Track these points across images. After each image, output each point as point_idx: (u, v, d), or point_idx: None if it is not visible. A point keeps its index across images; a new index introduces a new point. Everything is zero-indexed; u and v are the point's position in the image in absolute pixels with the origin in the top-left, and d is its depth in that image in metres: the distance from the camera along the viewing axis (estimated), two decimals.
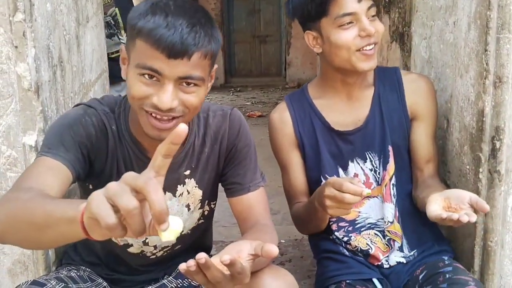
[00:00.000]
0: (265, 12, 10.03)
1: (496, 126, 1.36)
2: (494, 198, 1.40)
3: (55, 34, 1.42)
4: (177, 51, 1.00)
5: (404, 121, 1.49)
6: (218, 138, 1.27)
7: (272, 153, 1.58)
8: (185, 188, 1.27)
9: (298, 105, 1.53)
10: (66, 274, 1.25)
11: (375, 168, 1.48)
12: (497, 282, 1.47)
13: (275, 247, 0.92)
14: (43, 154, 1.08)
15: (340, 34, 1.35)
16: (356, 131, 1.48)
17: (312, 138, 1.50)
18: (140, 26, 1.02)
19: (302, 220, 1.52)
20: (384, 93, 1.49)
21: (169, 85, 1.03)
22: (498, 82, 1.35)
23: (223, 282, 0.92)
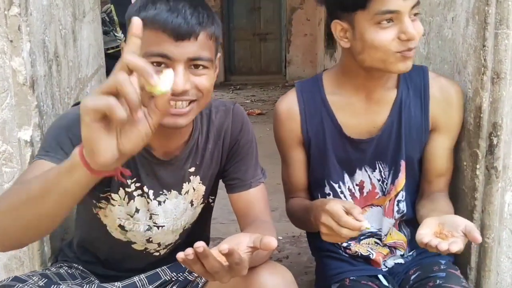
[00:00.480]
0: (265, 9, 10.02)
1: (493, 122, 1.35)
2: (491, 195, 1.39)
3: (50, 28, 1.41)
4: (184, 32, 1.01)
5: (422, 132, 1.38)
6: (221, 134, 1.27)
7: (272, 151, 1.57)
8: (191, 186, 1.26)
9: (309, 97, 1.40)
10: (54, 271, 1.24)
11: (383, 178, 1.40)
12: (493, 278, 1.47)
13: (274, 240, 0.92)
14: (40, 158, 1.06)
15: (378, 34, 1.19)
16: (370, 140, 1.37)
17: (320, 139, 1.39)
18: (142, 17, 1.01)
19: (296, 219, 1.47)
20: (407, 98, 1.36)
21: (180, 68, 1.03)
22: (496, 78, 1.34)
23: (221, 272, 0.91)
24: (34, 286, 1.09)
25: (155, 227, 1.25)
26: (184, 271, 1.29)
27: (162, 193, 1.23)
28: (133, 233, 1.25)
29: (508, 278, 1.49)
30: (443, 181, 1.42)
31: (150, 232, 1.25)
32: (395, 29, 1.19)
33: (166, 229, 1.27)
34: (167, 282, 1.28)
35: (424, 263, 1.41)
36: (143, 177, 1.20)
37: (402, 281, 1.42)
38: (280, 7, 9.95)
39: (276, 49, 10.19)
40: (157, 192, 1.22)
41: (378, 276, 1.42)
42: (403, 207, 1.41)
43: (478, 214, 1.42)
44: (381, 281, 1.40)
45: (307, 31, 9.52)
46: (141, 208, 1.22)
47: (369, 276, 1.41)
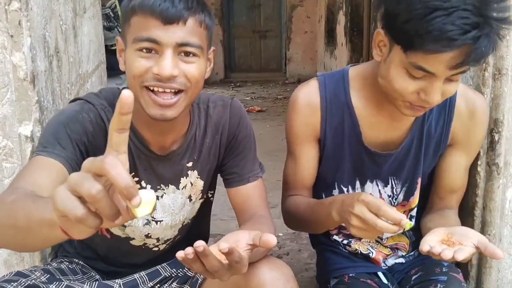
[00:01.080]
0: (266, 7, 10.01)
1: (495, 118, 1.35)
2: (493, 191, 1.39)
3: (51, 23, 1.40)
4: (171, 16, 1.01)
5: (440, 148, 1.31)
6: (219, 129, 1.27)
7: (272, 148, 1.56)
8: (188, 180, 1.26)
9: (332, 95, 1.30)
10: (55, 266, 1.24)
11: (394, 195, 1.35)
12: (494, 275, 1.47)
13: (273, 237, 0.91)
14: (38, 154, 1.05)
15: (402, 78, 1.08)
16: (387, 156, 1.30)
17: (337, 141, 1.31)
18: (132, 5, 1.04)
19: (299, 218, 1.36)
20: (430, 115, 1.28)
21: (168, 52, 1.02)
22: (497, 74, 1.34)
23: (220, 271, 0.91)
24: (37, 281, 1.09)
25: (153, 221, 1.25)
26: (184, 267, 1.29)
27: (160, 188, 1.23)
28: (132, 229, 1.25)
29: (509, 274, 1.49)
30: (455, 198, 1.36)
31: (148, 226, 1.25)
32: (422, 84, 1.07)
33: (165, 224, 1.27)
34: (167, 278, 1.28)
35: (426, 263, 1.38)
36: (141, 171, 1.19)
37: (402, 280, 1.41)
38: (280, 5, 9.94)
39: (276, 47, 10.19)
40: (155, 186, 1.22)
41: (378, 274, 1.40)
42: (413, 222, 1.38)
43: (479, 211, 1.43)
44: (380, 279, 1.39)
45: (307, 28, 9.51)
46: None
47: (368, 274, 1.40)
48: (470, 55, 0.99)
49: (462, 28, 0.97)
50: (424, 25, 0.98)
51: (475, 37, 0.97)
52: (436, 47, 0.99)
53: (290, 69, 9.68)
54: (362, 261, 1.44)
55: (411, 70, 1.06)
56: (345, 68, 1.34)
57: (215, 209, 1.43)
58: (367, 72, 1.27)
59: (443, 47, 0.98)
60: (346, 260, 1.45)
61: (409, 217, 1.38)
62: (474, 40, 0.97)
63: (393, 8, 1.05)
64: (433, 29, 0.97)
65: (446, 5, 0.97)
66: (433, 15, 0.97)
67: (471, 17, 0.97)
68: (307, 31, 9.52)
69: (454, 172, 1.34)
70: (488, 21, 0.98)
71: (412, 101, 1.11)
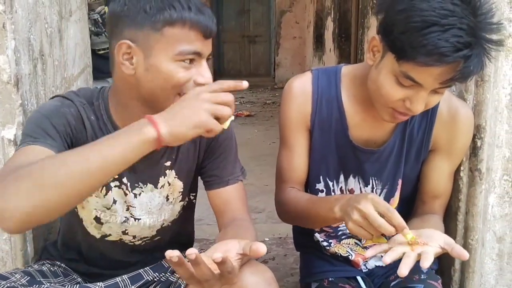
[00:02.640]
0: (255, 12, 10.04)
1: (477, 124, 1.36)
2: (475, 196, 1.41)
3: (36, 26, 1.40)
4: (211, 31, 1.09)
5: (422, 153, 1.34)
6: None
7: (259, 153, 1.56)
8: (166, 180, 1.26)
9: (324, 88, 1.33)
10: (36, 268, 1.24)
11: None
12: (477, 280, 1.48)
13: (263, 246, 0.92)
14: (29, 143, 1.03)
15: (390, 85, 1.12)
16: (369, 153, 1.33)
17: (325, 134, 1.34)
18: (168, 15, 1.05)
19: (298, 211, 1.34)
20: (413, 119, 1.30)
21: (205, 62, 1.11)
22: (480, 81, 1.36)
23: (211, 280, 0.91)
24: (16, 283, 1.08)
25: (132, 218, 1.25)
26: (167, 271, 1.29)
27: (138, 186, 1.23)
28: (109, 225, 1.25)
29: (492, 279, 1.51)
30: (438, 203, 1.37)
31: (127, 223, 1.25)
32: (408, 93, 1.10)
33: (143, 224, 1.26)
34: (150, 282, 1.27)
35: None
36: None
37: (382, 285, 1.41)
38: (269, 10, 9.97)
39: (265, 52, 10.21)
40: (133, 184, 1.23)
41: (357, 278, 1.41)
42: None
43: (462, 216, 1.44)
44: (359, 283, 1.40)
45: (296, 34, 9.55)
46: (118, 200, 1.22)
47: (347, 278, 1.41)
48: (459, 72, 1.03)
49: (455, 46, 1.00)
50: (419, 38, 1.02)
51: (466, 55, 1.01)
52: (428, 60, 1.02)
53: (279, 74, 9.71)
54: (342, 265, 1.45)
55: (401, 78, 1.09)
56: (339, 65, 1.38)
57: (201, 214, 1.42)
58: (358, 72, 1.31)
59: (435, 61, 1.02)
60: (327, 264, 1.46)
61: None
62: (464, 59, 1.02)
63: (392, 17, 1.08)
64: (427, 43, 1.01)
65: (443, 22, 1.00)
66: (429, 30, 1.01)
67: (465, 36, 1.01)
68: (296, 36, 9.56)
69: (437, 177, 1.36)
70: (480, 42, 1.03)
71: (396, 107, 1.14)
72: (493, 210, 1.46)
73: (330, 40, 6.63)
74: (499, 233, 1.48)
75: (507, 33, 1.35)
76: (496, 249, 1.49)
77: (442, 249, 1.05)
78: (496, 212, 1.46)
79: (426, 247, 1.05)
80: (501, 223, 1.47)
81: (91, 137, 1.16)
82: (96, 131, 1.17)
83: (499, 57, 1.35)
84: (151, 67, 1.08)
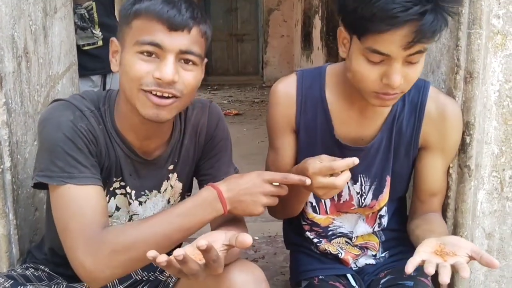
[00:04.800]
0: (242, 10, 10.02)
1: (466, 121, 1.36)
2: (464, 193, 1.41)
3: (20, 23, 1.37)
4: (178, 23, 1.02)
5: (411, 149, 1.34)
6: (197, 130, 1.27)
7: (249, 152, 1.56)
8: (169, 183, 1.26)
9: (308, 90, 1.33)
10: (20, 272, 1.22)
11: (362, 192, 1.36)
12: None
13: (249, 237, 0.92)
14: (65, 182, 1.04)
15: (363, 67, 1.12)
16: (357, 150, 1.31)
17: (311, 135, 1.35)
18: (136, 8, 1.04)
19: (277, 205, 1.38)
20: (401, 115, 1.31)
21: (170, 58, 1.03)
22: (469, 78, 1.35)
23: (197, 273, 0.92)
24: None
25: None
26: (155, 270, 1.28)
27: (144, 194, 1.23)
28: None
29: (481, 276, 1.51)
30: (436, 201, 1.38)
31: None
32: (382, 69, 1.11)
33: None
34: (138, 282, 1.26)
35: (396, 266, 1.39)
36: (126, 177, 1.19)
37: (372, 282, 1.41)
38: (257, 8, 9.96)
39: (253, 50, 10.20)
40: (139, 192, 1.22)
41: (347, 276, 1.41)
42: (384, 221, 1.41)
43: (451, 213, 1.44)
44: (349, 281, 1.40)
45: (284, 32, 9.55)
46: (122, 207, 1.21)
47: (337, 276, 1.41)
48: (419, 32, 1.04)
49: (404, 5, 1.02)
50: (369, 8, 1.05)
51: (418, 12, 1.02)
52: (381, 26, 1.04)
53: (267, 73, 9.70)
54: (332, 263, 1.45)
55: (369, 55, 1.10)
56: (324, 65, 1.39)
57: None
58: (341, 69, 1.31)
59: (388, 25, 1.04)
60: (316, 262, 1.46)
61: (378, 217, 1.40)
62: (418, 16, 1.02)
63: (343, 0, 1.11)
64: (377, 11, 1.04)
65: None
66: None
67: None
68: (284, 35, 9.56)
69: (432, 175, 1.36)
70: None
71: (376, 89, 1.14)
72: (482, 206, 1.47)
73: (318, 38, 6.64)
74: (488, 229, 1.48)
75: (496, 30, 1.35)
76: (485, 245, 1.49)
77: (470, 257, 1.02)
78: (485, 209, 1.47)
79: (458, 258, 1.01)
80: (490, 220, 1.48)
81: (104, 146, 1.14)
82: (106, 139, 1.15)
83: (488, 54, 1.36)
84: (122, 60, 1.08)
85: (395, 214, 1.44)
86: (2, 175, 1.29)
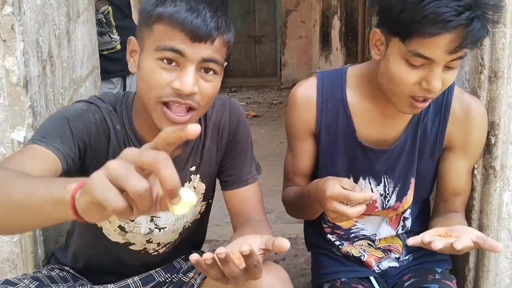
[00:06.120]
0: (260, 12, 10.03)
1: (491, 121, 1.34)
2: (489, 194, 1.39)
3: (44, 28, 1.39)
4: (202, 35, 0.99)
5: (436, 150, 1.32)
6: (219, 129, 1.25)
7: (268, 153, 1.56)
8: (191, 185, 1.24)
9: (329, 91, 1.32)
10: (45, 273, 1.22)
11: (386, 194, 1.35)
12: (492, 279, 1.46)
13: (286, 242, 0.90)
14: (35, 142, 1.01)
15: (402, 70, 1.10)
16: (380, 152, 1.31)
17: (332, 137, 1.33)
18: (159, 12, 1.01)
19: (293, 208, 1.43)
20: (425, 116, 1.30)
21: (191, 68, 1.00)
22: (493, 77, 1.34)
23: (238, 276, 0.90)
24: None
25: (156, 229, 1.23)
26: (179, 272, 1.27)
27: None
28: (133, 235, 1.23)
29: (506, 278, 1.48)
30: (459, 201, 1.37)
31: (151, 234, 1.23)
32: (422, 73, 1.09)
33: (167, 230, 1.24)
34: (161, 283, 1.26)
35: (420, 270, 1.38)
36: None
37: (395, 285, 1.40)
38: (275, 10, 9.96)
39: (271, 52, 10.20)
40: None
41: (370, 278, 1.40)
42: (408, 224, 1.40)
43: (476, 214, 1.42)
44: (372, 284, 1.39)
45: (302, 33, 9.53)
46: None
47: (360, 278, 1.39)
48: (466, 38, 1.03)
49: (456, 9, 1.01)
50: (419, 11, 1.03)
51: (469, 18, 1.02)
52: (434, 29, 1.03)
53: (285, 74, 9.69)
54: (354, 265, 1.44)
55: (411, 58, 1.08)
56: (345, 67, 1.38)
57: (210, 214, 1.41)
58: (364, 70, 1.31)
59: (440, 29, 1.02)
60: (338, 264, 1.45)
61: (402, 219, 1.39)
62: (468, 22, 1.02)
63: (386, 2, 1.10)
64: (428, 14, 1.02)
65: None
66: (427, 1, 1.02)
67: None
68: (302, 36, 9.54)
69: (456, 175, 1.34)
70: (478, 4, 1.03)
71: (414, 92, 1.12)
72: (508, 208, 1.44)
73: (336, 39, 6.61)
74: None
75: None
76: (511, 247, 1.47)
77: (474, 243, 1.05)
78: (511, 210, 1.44)
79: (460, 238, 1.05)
80: None
81: (114, 147, 1.14)
82: (120, 141, 1.14)
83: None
84: (140, 63, 1.06)
85: (419, 216, 1.42)
86: None
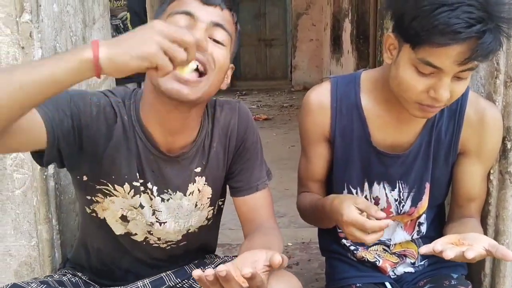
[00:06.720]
0: (271, 15, 10.07)
1: (507, 126, 1.34)
2: (505, 200, 1.38)
3: (61, 35, 1.41)
4: (212, 1, 1.07)
5: (450, 155, 1.31)
6: (227, 133, 1.24)
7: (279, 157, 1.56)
8: (196, 187, 1.23)
9: (343, 96, 1.32)
10: (57, 278, 1.22)
11: (401, 199, 1.34)
12: (508, 284, 1.45)
13: (278, 257, 0.93)
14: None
15: (411, 77, 1.11)
16: (395, 157, 1.31)
17: (346, 142, 1.33)
18: None
19: (308, 216, 1.43)
20: (439, 121, 1.29)
21: (202, 25, 1.06)
22: (509, 82, 1.33)
23: None
24: None
25: (157, 223, 1.22)
26: (190, 278, 1.27)
27: (167, 192, 1.20)
28: (135, 222, 1.22)
29: None
30: (474, 207, 1.36)
31: (151, 227, 1.23)
32: (430, 81, 1.09)
33: (168, 227, 1.23)
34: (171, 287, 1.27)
35: (436, 275, 1.37)
36: (148, 174, 1.17)
37: None
38: (285, 13, 9.99)
39: (281, 55, 10.23)
40: (161, 190, 1.19)
41: (385, 284, 1.39)
42: (423, 229, 1.39)
43: (492, 220, 1.41)
44: None
45: (313, 36, 9.54)
46: (146, 205, 1.19)
47: (375, 284, 1.39)
48: (476, 50, 1.02)
49: (467, 22, 1.00)
50: (430, 20, 1.02)
51: (480, 31, 1.01)
52: (443, 40, 1.02)
53: (295, 77, 9.70)
54: (369, 270, 1.43)
55: (420, 66, 1.08)
56: (358, 71, 1.38)
57: (223, 218, 1.41)
58: (378, 75, 1.30)
59: (449, 40, 1.02)
60: (353, 269, 1.44)
61: (417, 224, 1.38)
62: (479, 34, 1.01)
63: (400, 8, 1.10)
64: (439, 23, 1.01)
65: (451, 1, 1.01)
66: (439, 11, 1.01)
67: (476, 12, 1.00)
68: (313, 39, 9.55)
69: (470, 180, 1.33)
70: (492, 17, 1.01)
71: (421, 100, 1.12)
72: None
73: (348, 42, 6.60)
74: None
75: None
76: None
77: (487, 251, 1.04)
78: None
79: (472, 246, 1.05)
80: None
81: (118, 136, 1.14)
82: (127, 131, 1.15)
83: None
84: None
85: (434, 221, 1.42)
86: (46, 182, 1.33)
